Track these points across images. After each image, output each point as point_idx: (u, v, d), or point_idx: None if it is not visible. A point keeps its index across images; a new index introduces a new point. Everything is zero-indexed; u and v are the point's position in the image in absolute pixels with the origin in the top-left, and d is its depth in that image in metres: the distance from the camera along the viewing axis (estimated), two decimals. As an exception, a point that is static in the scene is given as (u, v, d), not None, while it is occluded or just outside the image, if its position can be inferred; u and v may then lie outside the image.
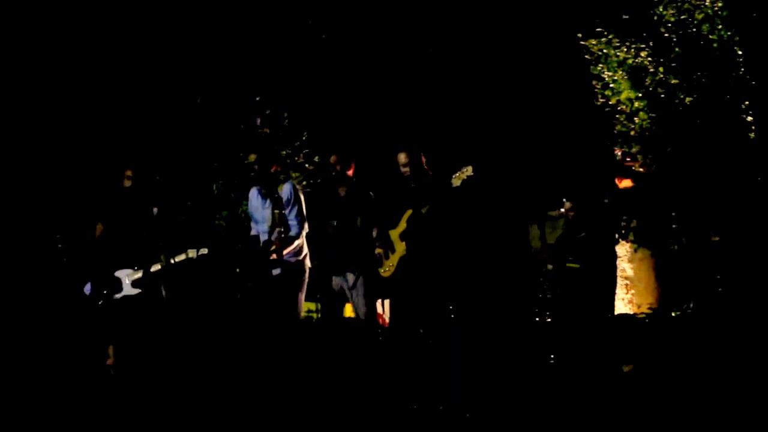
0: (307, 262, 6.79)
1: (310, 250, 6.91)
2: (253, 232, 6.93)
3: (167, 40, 9.90)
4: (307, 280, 6.75)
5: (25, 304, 7.41)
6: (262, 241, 6.75)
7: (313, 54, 10.85)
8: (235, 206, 10.23)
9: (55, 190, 8.76)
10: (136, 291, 6.77)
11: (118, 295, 6.81)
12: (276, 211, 6.55)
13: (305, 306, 7.84)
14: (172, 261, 6.66)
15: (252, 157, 6.82)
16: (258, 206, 6.85)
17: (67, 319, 6.85)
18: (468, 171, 6.44)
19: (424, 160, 6.85)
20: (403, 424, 5.21)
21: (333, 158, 7.24)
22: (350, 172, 7.30)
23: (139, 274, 6.79)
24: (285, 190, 6.71)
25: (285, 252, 6.57)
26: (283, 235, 6.55)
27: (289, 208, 6.67)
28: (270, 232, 6.66)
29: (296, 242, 6.66)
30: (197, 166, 10.06)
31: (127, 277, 6.82)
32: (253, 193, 6.92)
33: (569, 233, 7.56)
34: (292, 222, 6.67)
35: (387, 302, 8.34)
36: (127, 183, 7.00)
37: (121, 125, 9.50)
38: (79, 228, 7.32)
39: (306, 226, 6.78)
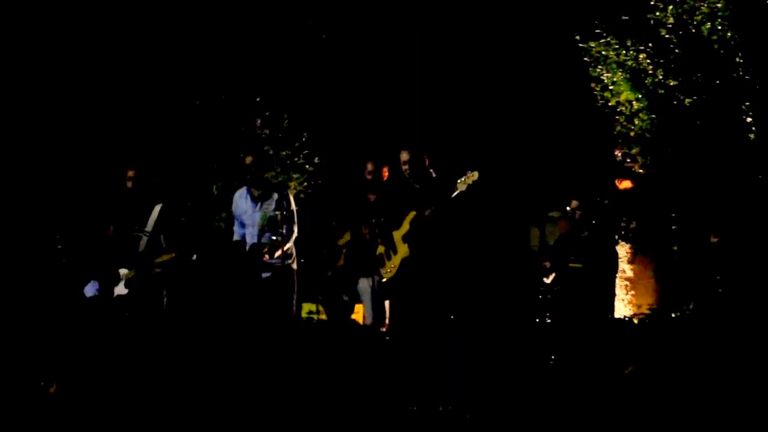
0: (294, 266, 6.75)
1: (302, 252, 6.90)
2: (236, 237, 6.86)
3: (168, 42, 9.91)
4: (296, 281, 6.71)
5: (25, 304, 7.40)
6: (249, 244, 6.70)
7: (313, 54, 10.85)
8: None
9: (55, 191, 8.76)
10: (126, 291, 6.75)
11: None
12: (277, 213, 6.50)
13: (306, 307, 7.87)
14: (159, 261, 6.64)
15: (248, 159, 6.74)
16: (247, 209, 6.76)
17: (67, 319, 6.84)
18: (474, 176, 6.40)
19: (427, 160, 6.83)
20: (402, 424, 5.21)
21: (370, 166, 7.26)
22: (384, 175, 7.31)
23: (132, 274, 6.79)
24: (280, 197, 6.64)
25: (276, 255, 6.52)
26: (277, 238, 6.52)
27: (283, 211, 6.62)
28: (259, 236, 6.63)
29: (287, 245, 6.62)
30: (197, 168, 10.06)
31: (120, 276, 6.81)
32: (242, 194, 6.82)
33: (570, 234, 7.56)
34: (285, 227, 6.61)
35: (387, 303, 8.35)
36: (128, 184, 7.00)
37: (120, 126, 9.51)
38: (78, 229, 7.32)
39: (295, 230, 6.73)
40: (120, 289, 6.77)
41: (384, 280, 6.96)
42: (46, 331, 6.37)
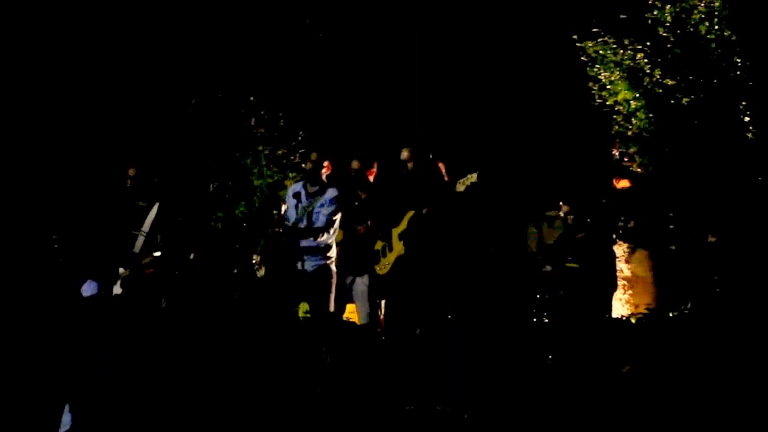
0: (333, 267, 6.74)
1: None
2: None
3: (166, 41, 9.90)
4: (334, 282, 6.70)
5: (22, 304, 7.38)
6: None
7: (310, 53, 10.85)
8: (231, 207, 10.22)
9: (52, 190, 8.74)
10: (120, 291, 6.75)
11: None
12: (322, 210, 6.53)
13: (303, 306, 7.85)
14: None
15: (314, 156, 6.82)
16: (291, 204, 6.83)
17: (64, 318, 6.82)
18: (473, 178, 6.43)
19: (443, 166, 6.87)
20: (400, 424, 5.20)
21: (355, 163, 7.34)
22: (371, 177, 7.36)
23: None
24: (329, 193, 6.68)
25: (306, 238, 6.53)
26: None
27: (326, 206, 6.63)
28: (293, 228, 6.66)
29: (321, 238, 6.61)
30: (193, 167, 10.05)
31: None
32: (295, 188, 6.90)
33: (568, 234, 7.57)
34: (324, 219, 6.62)
35: (384, 302, 8.34)
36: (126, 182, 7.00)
37: (117, 126, 9.49)
38: (76, 228, 7.30)
39: (335, 228, 6.73)
40: (117, 289, 6.76)
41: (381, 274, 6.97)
42: (44, 330, 6.36)
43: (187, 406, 5.27)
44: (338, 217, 6.66)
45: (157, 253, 6.68)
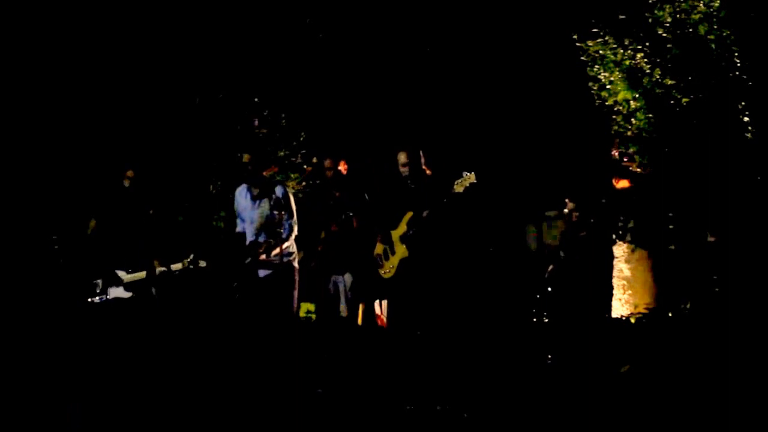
0: (295, 264, 6.73)
1: (304, 250, 6.90)
2: (238, 229, 6.89)
3: (167, 40, 9.91)
4: (297, 279, 6.69)
5: (22, 305, 7.40)
6: (248, 242, 6.70)
7: (311, 54, 10.86)
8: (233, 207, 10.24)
9: (52, 191, 8.76)
10: (128, 294, 6.75)
11: (109, 297, 6.80)
12: (276, 212, 6.50)
13: (304, 306, 7.87)
14: (166, 269, 6.65)
15: (246, 157, 6.76)
16: (246, 206, 6.78)
17: (64, 319, 6.84)
18: (471, 178, 6.43)
19: (423, 159, 6.86)
20: (399, 424, 5.22)
21: (328, 162, 7.36)
22: (342, 170, 7.38)
23: (132, 277, 6.78)
24: (276, 193, 6.63)
25: (274, 253, 6.51)
26: (275, 237, 6.51)
27: (286, 215, 6.59)
28: (257, 234, 6.63)
29: (285, 244, 6.61)
30: (195, 167, 10.06)
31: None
32: (241, 191, 6.85)
33: (568, 234, 7.59)
34: (287, 226, 6.59)
35: (385, 303, 8.36)
36: (126, 183, 7.02)
37: (119, 126, 9.51)
38: (76, 229, 7.32)
39: (295, 229, 6.72)
40: (120, 292, 6.77)
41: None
42: (44, 331, 6.37)
43: (187, 406, 5.29)
44: (294, 212, 6.66)
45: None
